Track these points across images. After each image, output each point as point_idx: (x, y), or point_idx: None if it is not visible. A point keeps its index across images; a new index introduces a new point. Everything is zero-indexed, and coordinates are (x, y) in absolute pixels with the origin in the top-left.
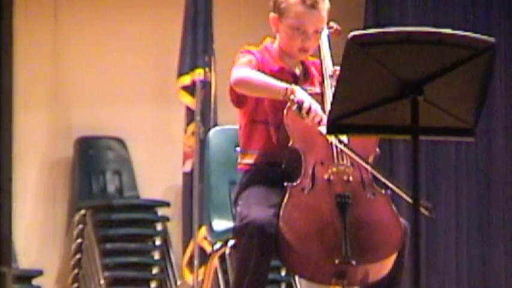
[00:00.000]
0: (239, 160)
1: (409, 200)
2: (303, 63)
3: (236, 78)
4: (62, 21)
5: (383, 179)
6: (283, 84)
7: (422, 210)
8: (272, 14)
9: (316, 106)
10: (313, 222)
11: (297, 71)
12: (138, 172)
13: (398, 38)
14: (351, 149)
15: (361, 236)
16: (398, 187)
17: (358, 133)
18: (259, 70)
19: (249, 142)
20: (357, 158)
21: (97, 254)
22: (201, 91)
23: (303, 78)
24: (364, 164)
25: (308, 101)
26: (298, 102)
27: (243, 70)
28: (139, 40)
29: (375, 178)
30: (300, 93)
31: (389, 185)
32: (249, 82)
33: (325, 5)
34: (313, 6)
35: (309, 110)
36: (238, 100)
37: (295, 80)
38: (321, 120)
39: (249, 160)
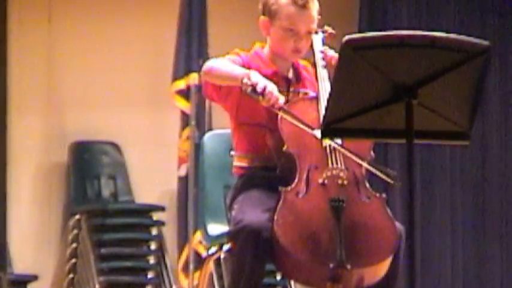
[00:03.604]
0: (234, 163)
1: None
2: (294, 66)
3: (204, 68)
4: (56, 26)
5: (381, 175)
6: (241, 70)
7: (386, 178)
8: (262, 17)
9: (271, 87)
10: (308, 226)
11: (290, 74)
12: (133, 177)
13: (392, 41)
14: (345, 148)
15: (356, 239)
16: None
17: (353, 137)
18: None
19: (241, 145)
20: (352, 156)
21: (92, 258)
22: (195, 95)
23: (295, 81)
24: (360, 162)
25: (263, 83)
26: (252, 85)
27: (212, 60)
28: (134, 45)
29: (370, 181)
30: (254, 77)
31: (389, 180)
32: (212, 70)
33: (315, 5)
34: (305, 6)
35: (263, 91)
36: (208, 92)
37: (288, 83)
38: (277, 101)
39: (244, 163)
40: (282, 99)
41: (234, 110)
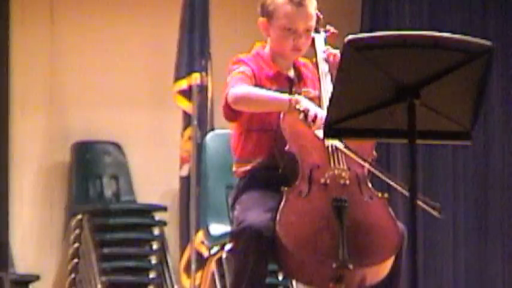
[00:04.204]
0: (235, 168)
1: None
2: (294, 65)
3: (235, 97)
4: (59, 27)
5: (383, 177)
6: (285, 96)
7: (431, 210)
8: (261, 19)
9: (321, 113)
10: (310, 226)
11: (291, 74)
12: (135, 176)
13: (394, 41)
14: (349, 148)
15: (358, 239)
16: (400, 186)
17: (355, 137)
18: (254, 78)
19: (245, 151)
20: (355, 157)
21: (94, 258)
22: (197, 95)
23: (297, 81)
24: (363, 163)
25: (313, 109)
26: (304, 111)
27: (240, 87)
28: (135, 44)
29: (372, 181)
30: (304, 102)
31: (391, 183)
32: (250, 99)
33: (311, 3)
34: (301, 4)
35: (315, 118)
36: (233, 116)
37: (290, 82)
38: None
39: (246, 168)
40: None
41: (244, 120)
